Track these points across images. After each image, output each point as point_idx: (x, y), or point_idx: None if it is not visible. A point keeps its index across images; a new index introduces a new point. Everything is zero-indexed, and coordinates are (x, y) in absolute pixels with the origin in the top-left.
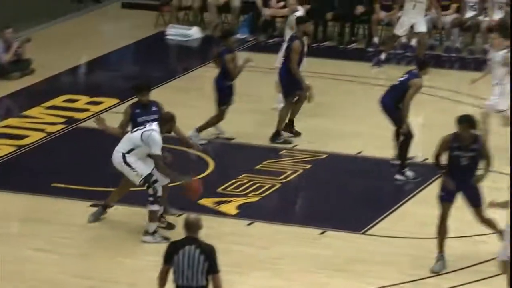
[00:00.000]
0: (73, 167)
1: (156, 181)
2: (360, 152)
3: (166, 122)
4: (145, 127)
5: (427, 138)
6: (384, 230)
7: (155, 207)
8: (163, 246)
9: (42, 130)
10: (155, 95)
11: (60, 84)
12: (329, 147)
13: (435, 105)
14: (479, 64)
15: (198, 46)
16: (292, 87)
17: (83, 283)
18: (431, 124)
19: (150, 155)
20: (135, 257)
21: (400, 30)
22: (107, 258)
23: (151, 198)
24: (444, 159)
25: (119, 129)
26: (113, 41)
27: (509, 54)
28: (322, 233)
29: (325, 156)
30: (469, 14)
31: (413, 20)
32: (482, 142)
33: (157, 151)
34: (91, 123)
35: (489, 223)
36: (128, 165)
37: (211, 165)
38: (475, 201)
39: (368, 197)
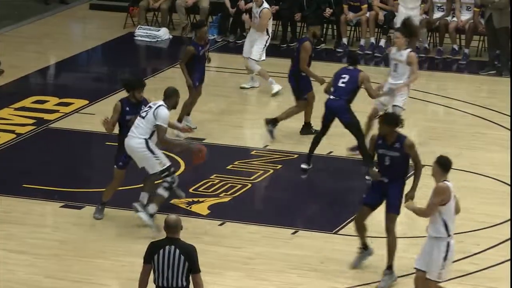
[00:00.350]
0: (44, 168)
1: (175, 171)
2: (330, 152)
3: (170, 97)
4: (151, 107)
5: None
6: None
7: (166, 194)
8: (136, 248)
9: (11, 132)
10: (125, 95)
11: (29, 85)
12: (299, 148)
13: (407, 105)
14: (447, 64)
15: (167, 47)
16: (303, 88)
17: (56, 284)
18: None
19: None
20: (108, 258)
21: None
22: (80, 259)
23: (167, 185)
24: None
25: (111, 126)
26: (82, 42)
27: (412, 53)
28: (294, 233)
29: (295, 156)
30: (437, 14)
31: (410, 12)
32: (410, 144)
33: (162, 122)
34: (60, 124)
35: (389, 232)
36: (152, 152)
37: (182, 165)
38: (392, 207)
39: (339, 197)
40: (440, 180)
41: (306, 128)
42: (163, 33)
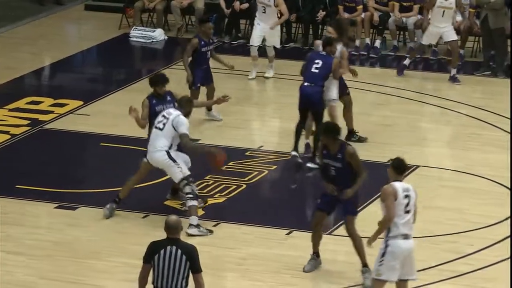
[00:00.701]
0: (38, 169)
1: (193, 181)
2: None
3: (184, 105)
4: (168, 118)
5: (393, 139)
6: None
7: (195, 203)
8: (130, 248)
9: (6, 132)
10: (120, 96)
11: (24, 86)
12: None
13: (400, 106)
14: (442, 65)
15: (162, 48)
16: (341, 90)
17: (51, 285)
18: (396, 124)
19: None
20: (102, 258)
21: (426, 39)
22: (74, 260)
23: (190, 195)
24: None
25: (144, 121)
26: (77, 43)
27: (344, 48)
28: (288, 233)
29: (290, 156)
30: None
31: (442, 29)
32: (350, 153)
33: (185, 130)
34: (55, 125)
35: (352, 235)
36: (174, 160)
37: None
38: (348, 209)
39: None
40: (393, 181)
41: (350, 136)
42: (158, 34)
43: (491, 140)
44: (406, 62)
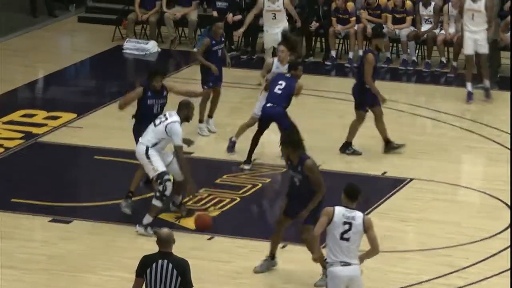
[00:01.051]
0: (32, 182)
1: (168, 180)
2: (319, 166)
3: (181, 109)
4: (167, 119)
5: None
6: None
7: (159, 203)
8: (124, 262)
9: (0, 145)
10: (113, 108)
11: (17, 99)
12: None
13: (393, 118)
14: (436, 77)
15: (155, 60)
16: (365, 101)
17: None
18: (391, 136)
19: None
20: (96, 272)
21: (467, 49)
22: (68, 273)
23: (158, 194)
24: None
25: (124, 104)
26: (70, 55)
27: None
28: (283, 247)
29: (284, 170)
30: (425, 27)
31: (476, 35)
32: (308, 166)
33: (179, 142)
34: (49, 138)
35: (308, 242)
36: (148, 158)
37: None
38: (308, 218)
39: None
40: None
41: (388, 146)
42: (152, 46)
43: (484, 152)
44: (469, 88)
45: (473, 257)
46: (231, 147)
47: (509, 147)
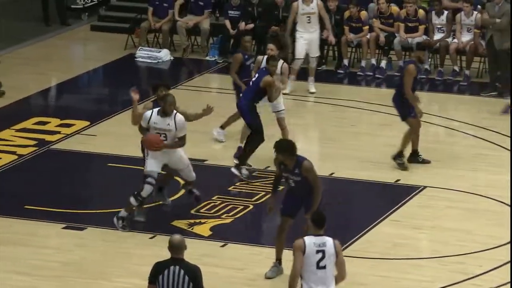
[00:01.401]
0: (45, 189)
1: (149, 183)
2: (332, 174)
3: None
4: None
5: None
6: (357, 251)
7: (133, 201)
8: (138, 269)
9: (13, 153)
10: (126, 116)
11: (30, 107)
12: None
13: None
14: (448, 85)
15: (168, 68)
16: (407, 111)
17: None
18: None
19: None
20: (109, 279)
21: None
22: (82, 280)
23: (136, 192)
24: None
25: (139, 118)
26: (83, 64)
27: (285, 64)
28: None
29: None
30: (438, 36)
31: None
32: (306, 168)
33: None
34: (62, 145)
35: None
36: (145, 155)
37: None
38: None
39: (341, 217)
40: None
41: (414, 156)
42: (164, 54)
43: (497, 160)
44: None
45: (487, 264)
46: (237, 154)
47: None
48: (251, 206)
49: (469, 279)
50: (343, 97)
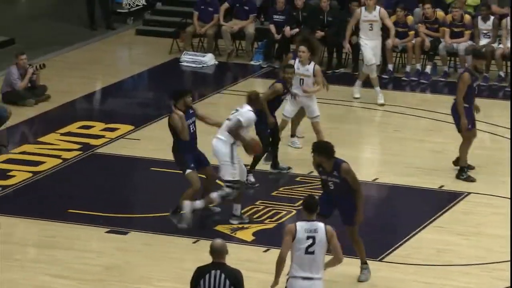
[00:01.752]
0: (89, 193)
1: (239, 188)
2: (375, 179)
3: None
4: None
5: (444, 166)
6: (401, 257)
7: (218, 200)
8: (181, 274)
9: (58, 157)
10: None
11: (75, 111)
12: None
13: (451, 132)
14: (493, 91)
15: (212, 72)
16: (467, 120)
17: None
18: (447, 151)
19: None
20: (153, 283)
21: None
22: (124, 284)
23: (224, 194)
24: None
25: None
26: (128, 68)
27: (317, 66)
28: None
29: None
30: (483, 41)
31: None
32: (345, 170)
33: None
34: (106, 149)
35: (358, 245)
36: (232, 160)
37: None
38: (347, 220)
39: (384, 223)
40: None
41: (460, 172)
42: (209, 59)
43: None
44: None
45: None
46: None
47: None
48: (294, 211)
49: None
50: (388, 102)
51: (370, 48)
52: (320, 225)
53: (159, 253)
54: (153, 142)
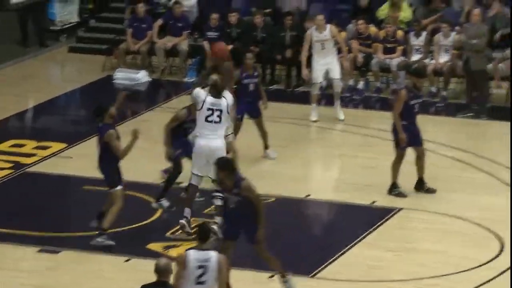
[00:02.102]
0: (21, 212)
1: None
2: (308, 196)
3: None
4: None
5: (376, 181)
6: (332, 273)
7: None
8: None
9: None
10: None
11: (7, 129)
12: (277, 191)
13: (383, 148)
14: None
15: (146, 90)
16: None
17: None
18: (380, 166)
19: None
20: None
21: None
22: None
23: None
24: None
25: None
26: (61, 85)
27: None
28: (270, 277)
29: (273, 199)
30: (415, 57)
31: None
32: (245, 187)
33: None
34: (38, 168)
35: (270, 262)
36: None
37: (159, 209)
38: (251, 238)
39: (316, 239)
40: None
41: (420, 184)
42: (142, 76)
43: (473, 182)
44: None
45: (460, 286)
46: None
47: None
48: None
49: None
50: (320, 118)
51: (322, 66)
52: (213, 254)
53: (90, 273)
54: (85, 160)
